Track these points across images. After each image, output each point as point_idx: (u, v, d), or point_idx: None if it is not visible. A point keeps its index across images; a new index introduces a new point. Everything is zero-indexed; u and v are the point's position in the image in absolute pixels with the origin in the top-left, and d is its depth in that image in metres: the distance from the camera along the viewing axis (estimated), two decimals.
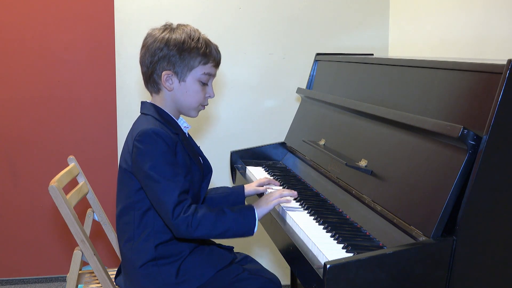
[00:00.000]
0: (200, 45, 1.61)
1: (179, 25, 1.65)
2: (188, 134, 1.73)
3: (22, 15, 2.88)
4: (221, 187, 1.94)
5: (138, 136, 1.54)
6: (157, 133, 1.52)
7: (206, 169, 1.72)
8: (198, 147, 1.74)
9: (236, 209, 1.56)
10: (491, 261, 1.27)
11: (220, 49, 1.70)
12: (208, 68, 1.64)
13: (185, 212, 1.48)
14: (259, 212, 1.57)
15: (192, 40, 1.61)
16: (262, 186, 1.92)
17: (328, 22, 2.87)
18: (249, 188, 1.91)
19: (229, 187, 1.93)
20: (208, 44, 1.64)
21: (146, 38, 1.65)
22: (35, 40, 2.91)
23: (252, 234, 1.55)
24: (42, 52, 2.92)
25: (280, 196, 1.63)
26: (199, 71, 1.63)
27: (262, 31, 2.83)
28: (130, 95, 2.77)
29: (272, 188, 1.94)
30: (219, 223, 1.50)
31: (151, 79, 1.65)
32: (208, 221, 1.49)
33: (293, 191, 1.67)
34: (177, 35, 1.61)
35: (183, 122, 1.71)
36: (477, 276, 1.27)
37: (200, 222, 1.48)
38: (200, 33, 1.65)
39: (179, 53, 1.60)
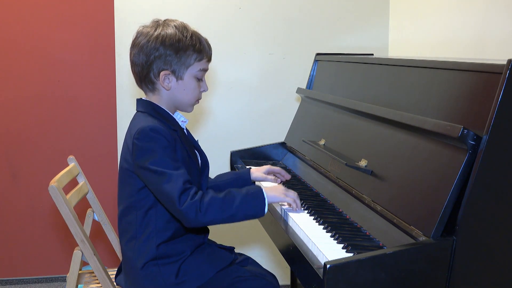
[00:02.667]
0: (194, 42, 1.61)
1: (168, 21, 1.64)
2: (186, 128, 1.72)
3: (22, 15, 2.88)
4: (227, 173, 1.93)
5: (137, 134, 1.53)
6: (156, 130, 1.52)
7: (203, 164, 1.72)
8: (196, 141, 1.74)
9: (244, 190, 1.53)
10: (491, 261, 1.27)
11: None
12: (203, 64, 1.64)
13: (192, 198, 1.46)
14: (269, 196, 1.55)
15: (186, 37, 1.60)
16: (272, 173, 1.93)
17: (328, 22, 2.87)
18: (256, 173, 1.90)
19: (235, 172, 1.92)
20: (200, 39, 1.64)
21: (137, 37, 1.63)
22: (35, 40, 2.91)
23: (263, 215, 1.52)
24: (42, 52, 2.92)
25: (293, 199, 1.63)
26: (195, 67, 1.63)
27: (262, 31, 2.83)
28: (130, 95, 2.77)
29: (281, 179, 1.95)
30: (227, 205, 1.48)
31: (146, 79, 1.64)
32: (216, 204, 1.47)
33: (299, 206, 1.67)
34: (171, 33, 1.59)
35: (180, 117, 1.70)
36: (477, 276, 1.27)
37: (208, 207, 1.46)
38: (190, 28, 1.64)
39: (175, 52, 1.59)
